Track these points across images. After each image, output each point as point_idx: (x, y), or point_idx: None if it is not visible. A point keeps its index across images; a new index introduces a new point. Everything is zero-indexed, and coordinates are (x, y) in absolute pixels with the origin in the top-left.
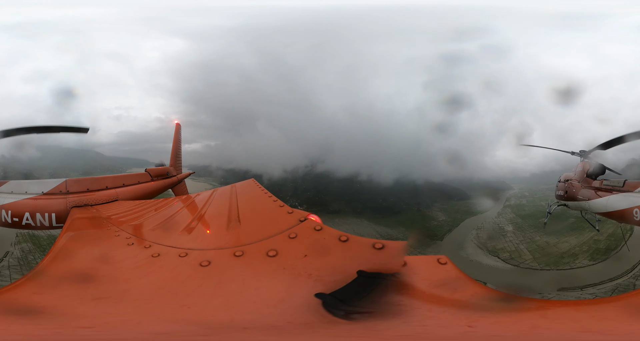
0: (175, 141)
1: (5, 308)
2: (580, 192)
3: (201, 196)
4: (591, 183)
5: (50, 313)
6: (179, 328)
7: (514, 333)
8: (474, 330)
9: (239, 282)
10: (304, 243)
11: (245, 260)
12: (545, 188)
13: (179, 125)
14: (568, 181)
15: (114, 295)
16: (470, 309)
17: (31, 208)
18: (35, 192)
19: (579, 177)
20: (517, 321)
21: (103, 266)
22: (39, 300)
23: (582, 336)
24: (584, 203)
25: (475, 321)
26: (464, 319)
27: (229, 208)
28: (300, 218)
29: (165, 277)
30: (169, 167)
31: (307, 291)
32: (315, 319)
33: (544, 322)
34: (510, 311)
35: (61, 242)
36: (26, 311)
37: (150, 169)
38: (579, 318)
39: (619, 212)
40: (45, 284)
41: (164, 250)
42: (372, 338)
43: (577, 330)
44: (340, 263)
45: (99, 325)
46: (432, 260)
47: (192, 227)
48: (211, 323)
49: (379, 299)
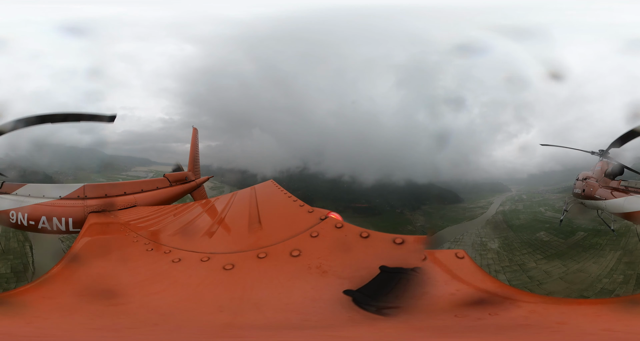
0: (193, 146)
1: (12, 309)
2: (598, 191)
3: (221, 200)
4: (609, 183)
5: (60, 317)
6: (219, 331)
7: (536, 324)
8: (495, 321)
9: (267, 283)
10: (326, 241)
11: (270, 261)
12: (545, 190)
13: (196, 130)
14: (586, 179)
15: (133, 300)
16: (488, 303)
17: (48, 212)
18: (52, 196)
19: (597, 176)
20: (538, 315)
21: (121, 271)
22: (48, 303)
23: (604, 333)
24: (601, 203)
25: (495, 314)
26: (484, 312)
27: (249, 210)
28: (320, 217)
29: (189, 282)
30: (187, 171)
31: (335, 288)
32: (354, 315)
33: (567, 318)
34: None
35: (77, 246)
36: (34, 314)
37: (169, 174)
38: (601, 313)
39: (637, 213)
40: (57, 288)
41: (185, 255)
42: (411, 330)
43: (601, 328)
44: (362, 259)
45: (118, 330)
46: (450, 255)
47: (213, 231)
48: (247, 326)
49: (403, 294)
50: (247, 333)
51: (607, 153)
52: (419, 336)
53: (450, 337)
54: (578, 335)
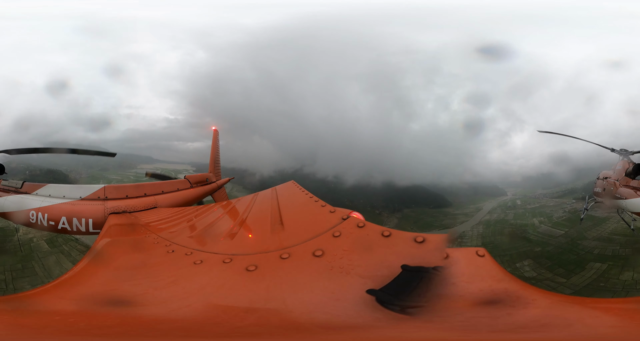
0: (213, 147)
1: (27, 310)
2: (619, 190)
3: (242, 201)
4: (630, 182)
5: (75, 319)
6: (248, 333)
7: (557, 323)
8: (516, 320)
9: (291, 284)
10: (349, 241)
11: (293, 261)
12: (543, 194)
13: (217, 131)
14: (607, 178)
15: (154, 302)
16: (510, 301)
17: (68, 213)
18: (73, 197)
19: (617, 175)
20: (559, 314)
21: (141, 273)
22: (64, 304)
23: (623, 332)
24: (621, 202)
25: (516, 313)
26: (506, 311)
27: (271, 211)
28: (342, 217)
29: (212, 284)
30: (208, 173)
31: (358, 288)
32: (379, 315)
33: (588, 317)
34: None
35: (97, 247)
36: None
37: (190, 176)
38: (620, 313)
39: None
40: (75, 290)
41: (207, 257)
42: (435, 331)
43: (620, 326)
44: (384, 258)
45: (138, 336)
46: (471, 253)
47: (235, 233)
48: (275, 327)
49: (425, 293)
50: (276, 334)
51: (630, 153)
52: (443, 336)
53: (473, 337)
54: (599, 334)
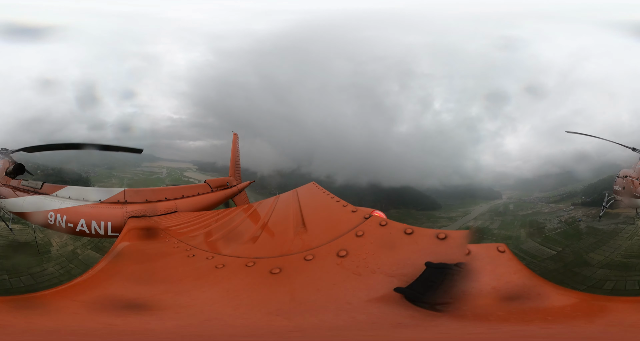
0: (233, 151)
1: (42, 310)
2: (638, 188)
3: (263, 204)
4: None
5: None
6: (281, 336)
7: (578, 320)
8: (537, 316)
9: (317, 285)
10: (372, 240)
11: (317, 262)
12: (539, 197)
13: (237, 135)
14: (626, 177)
15: (172, 306)
16: (530, 298)
17: (87, 216)
18: (92, 200)
19: (637, 174)
20: (580, 311)
21: (161, 277)
22: (77, 306)
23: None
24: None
25: (537, 309)
26: (526, 307)
27: (293, 213)
28: (365, 216)
29: (234, 287)
30: (228, 177)
31: (385, 287)
32: (411, 313)
33: (608, 314)
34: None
35: (115, 250)
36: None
37: (210, 180)
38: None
39: None
40: (92, 292)
41: (229, 261)
42: (465, 327)
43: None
44: (407, 256)
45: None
46: (492, 249)
47: (257, 236)
48: (306, 328)
49: (450, 289)
50: (310, 336)
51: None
52: (480, 330)
53: (506, 329)
54: (620, 331)
